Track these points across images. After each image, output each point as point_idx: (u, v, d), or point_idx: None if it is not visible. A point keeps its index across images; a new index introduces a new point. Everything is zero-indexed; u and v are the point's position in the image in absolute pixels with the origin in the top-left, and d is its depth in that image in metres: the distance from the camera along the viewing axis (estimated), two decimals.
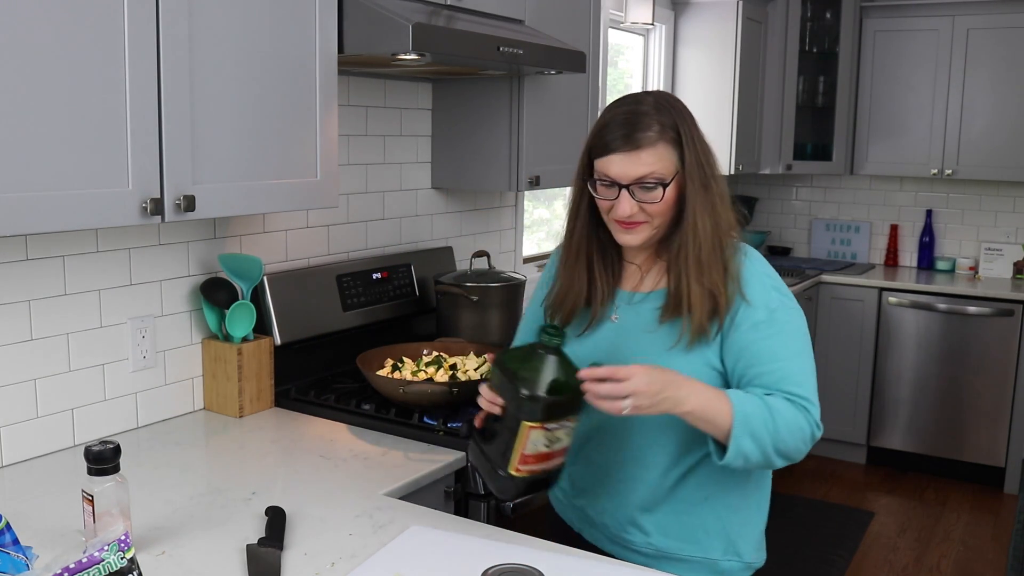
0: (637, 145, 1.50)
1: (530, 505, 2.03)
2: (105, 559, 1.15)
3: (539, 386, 1.40)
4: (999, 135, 4.56)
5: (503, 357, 1.48)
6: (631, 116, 1.51)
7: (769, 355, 1.52)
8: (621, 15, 4.01)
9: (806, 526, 4.04)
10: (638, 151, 1.50)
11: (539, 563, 1.36)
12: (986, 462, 4.49)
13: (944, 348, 4.51)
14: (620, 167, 1.50)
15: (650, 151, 1.50)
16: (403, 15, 1.95)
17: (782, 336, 1.54)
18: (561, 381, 1.41)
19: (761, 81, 4.66)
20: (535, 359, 1.43)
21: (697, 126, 1.56)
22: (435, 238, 2.99)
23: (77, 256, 1.95)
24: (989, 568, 3.69)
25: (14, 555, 1.29)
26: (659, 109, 1.52)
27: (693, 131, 1.54)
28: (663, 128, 1.50)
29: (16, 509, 1.62)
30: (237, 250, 2.31)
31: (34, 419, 1.90)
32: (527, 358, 1.44)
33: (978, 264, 4.85)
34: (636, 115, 1.51)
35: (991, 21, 4.52)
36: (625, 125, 1.51)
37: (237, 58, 1.78)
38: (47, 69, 1.46)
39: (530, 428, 1.40)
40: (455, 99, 2.85)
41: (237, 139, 1.80)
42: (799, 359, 1.55)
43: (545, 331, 1.44)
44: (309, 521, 1.62)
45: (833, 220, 5.26)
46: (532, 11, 2.66)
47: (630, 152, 1.50)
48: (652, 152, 1.50)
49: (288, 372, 2.34)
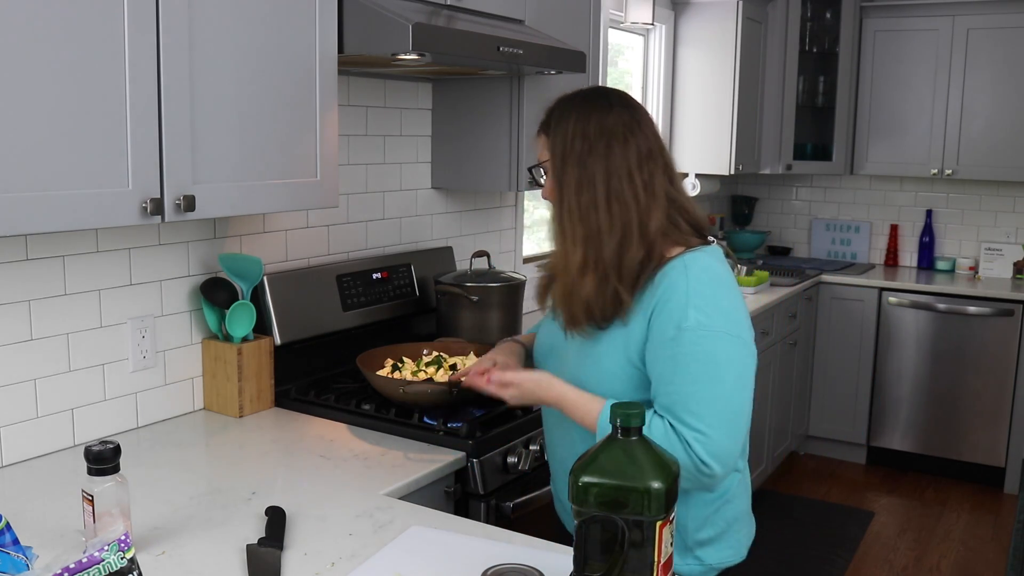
0: (537, 132, 1.64)
1: (530, 505, 2.03)
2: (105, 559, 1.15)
3: (654, 473, 1.19)
4: (999, 135, 4.56)
5: (587, 472, 1.22)
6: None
7: (667, 376, 1.47)
8: (621, 15, 4.01)
9: (806, 526, 4.04)
10: (536, 138, 1.65)
11: (539, 563, 1.36)
12: (986, 462, 4.49)
13: (944, 348, 4.51)
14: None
15: (538, 139, 1.64)
16: (403, 15, 1.95)
17: (685, 359, 1.45)
18: (666, 459, 1.23)
19: (761, 81, 4.66)
20: (626, 448, 1.22)
21: (591, 127, 1.53)
22: (435, 238, 2.99)
23: (77, 256, 1.95)
24: (989, 568, 3.69)
25: (14, 555, 1.29)
26: (560, 100, 1.60)
27: (570, 128, 1.55)
28: (545, 119, 1.60)
29: (16, 509, 1.62)
30: (237, 250, 2.31)
31: (34, 419, 1.90)
32: (615, 451, 1.22)
33: (978, 264, 4.85)
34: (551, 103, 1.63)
35: (991, 21, 4.52)
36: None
37: (237, 58, 1.78)
38: (47, 69, 1.46)
39: (662, 526, 1.19)
40: (455, 99, 2.85)
41: (237, 139, 1.80)
42: (701, 386, 1.44)
43: (622, 411, 1.22)
44: (309, 521, 1.62)
45: (833, 220, 5.26)
46: (532, 11, 2.66)
47: (536, 138, 1.65)
48: (538, 140, 1.64)
49: (288, 372, 2.34)
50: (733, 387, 1.47)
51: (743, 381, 1.49)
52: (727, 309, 1.49)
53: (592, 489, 1.19)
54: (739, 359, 1.48)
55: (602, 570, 1.19)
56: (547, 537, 1.60)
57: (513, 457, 2.05)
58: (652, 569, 1.19)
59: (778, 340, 4.19)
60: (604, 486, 1.18)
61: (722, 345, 1.46)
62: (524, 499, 2.02)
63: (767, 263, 4.93)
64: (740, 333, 1.49)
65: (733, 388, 1.47)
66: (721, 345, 1.46)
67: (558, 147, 1.55)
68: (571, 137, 1.53)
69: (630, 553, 1.18)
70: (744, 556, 1.69)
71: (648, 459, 1.20)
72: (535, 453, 2.09)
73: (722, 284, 1.52)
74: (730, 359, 1.47)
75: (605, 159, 1.51)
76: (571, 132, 1.53)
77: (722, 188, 5.18)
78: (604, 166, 1.51)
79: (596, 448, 1.23)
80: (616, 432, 1.22)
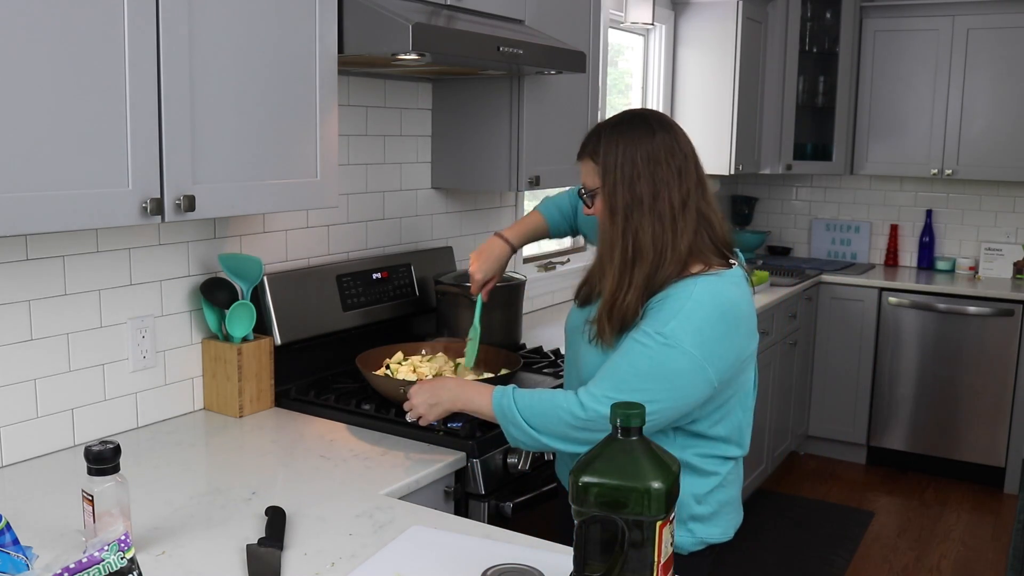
0: (577, 157, 1.73)
1: (530, 505, 2.03)
2: (105, 559, 1.15)
3: (654, 473, 1.18)
4: (999, 135, 4.56)
5: (585, 470, 1.20)
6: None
7: (613, 355, 1.61)
8: (621, 15, 4.01)
9: (806, 526, 4.05)
10: (578, 163, 1.73)
11: (539, 563, 1.36)
12: (986, 462, 4.49)
13: (944, 348, 4.51)
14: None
15: (581, 164, 1.72)
16: (403, 15, 1.95)
17: (636, 350, 1.57)
18: (666, 459, 1.22)
19: (761, 81, 4.66)
20: (627, 448, 1.21)
21: (639, 153, 1.63)
22: (435, 238, 2.99)
23: (77, 256, 1.95)
24: (989, 568, 3.69)
25: (14, 555, 1.29)
26: (603, 128, 1.69)
27: (619, 156, 1.63)
28: (591, 146, 1.68)
29: (16, 509, 1.62)
30: (237, 250, 2.31)
31: (34, 419, 1.90)
32: (615, 451, 1.21)
33: (978, 264, 4.85)
34: (591, 129, 1.73)
35: (991, 21, 4.52)
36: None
37: (237, 58, 1.78)
38: (47, 69, 1.46)
39: (662, 526, 1.18)
40: (455, 99, 2.85)
41: (237, 139, 1.80)
42: (617, 360, 1.58)
43: (622, 411, 1.21)
44: (309, 521, 1.62)
45: (833, 220, 5.26)
46: (532, 11, 2.66)
47: (578, 162, 1.74)
48: (582, 165, 1.72)
49: (288, 372, 2.34)
50: (636, 371, 1.55)
51: (676, 388, 1.56)
52: (708, 338, 1.56)
53: (592, 489, 1.18)
54: (689, 376, 1.55)
55: (602, 570, 1.19)
56: (547, 537, 1.60)
57: (513, 457, 2.05)
58: (652, 569, 1.19)
59: (778, 340, 4.19)
60: (604, 486, 1.18)
61: (680, 362, 1.54)
62: (524, 499, 2.02)
63: (767, 263, 4.93)
64: (707, 363, 1.55)
65: (636, 370, 1.55)
66: (678, 361, 1.54)
67: (610, 173, 1.64)
68: (621, 163, 1.63)
69: (630, 553, 1.18)
70: (731, 537, 1.77)
71: (648, 459, 1.20)
72: (535, 453, 2.09)
73: (721, 316, 1.58)
74: (677, 371, 1.55)
75: (652, 183, 1.61)
76: (620, 159, 1.63)
77: (722, 188, 5.18)
78: (651, 190, 1.62)
79: (596, 448, 1.23)
80: (616, 432, 1.21)
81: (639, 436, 1.21)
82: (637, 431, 1.21)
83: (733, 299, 1.61)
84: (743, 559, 3.67)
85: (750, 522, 4.02)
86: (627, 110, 1.72)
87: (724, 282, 1.61)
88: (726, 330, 1.58)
